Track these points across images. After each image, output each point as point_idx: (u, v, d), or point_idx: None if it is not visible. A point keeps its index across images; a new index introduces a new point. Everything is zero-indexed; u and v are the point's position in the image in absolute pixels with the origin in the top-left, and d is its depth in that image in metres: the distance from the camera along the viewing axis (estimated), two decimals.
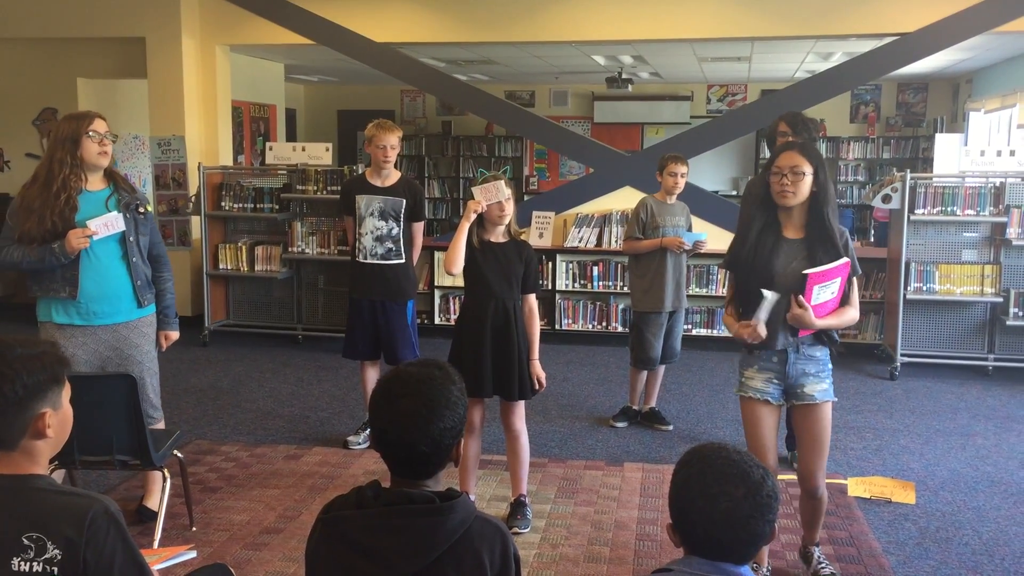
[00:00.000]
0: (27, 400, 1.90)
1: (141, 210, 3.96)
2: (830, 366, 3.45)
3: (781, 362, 3.39)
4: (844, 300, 3.36)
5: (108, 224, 3.79)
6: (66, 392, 2.02)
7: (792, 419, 3.49)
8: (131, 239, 3.90)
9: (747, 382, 3.46)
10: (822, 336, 3.38)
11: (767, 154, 4.98)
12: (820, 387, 3.39)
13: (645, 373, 5.67)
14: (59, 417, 1.99)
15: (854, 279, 3.39)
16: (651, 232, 5.44)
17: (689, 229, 5.56)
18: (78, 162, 3.78)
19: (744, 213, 4.92)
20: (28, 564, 1.86)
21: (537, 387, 4.12)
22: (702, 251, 5.52)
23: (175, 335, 4.17)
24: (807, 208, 3.33)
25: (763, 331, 3.25)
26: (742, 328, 3.31)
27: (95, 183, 3.88)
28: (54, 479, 2.06)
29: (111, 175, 3.94)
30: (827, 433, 3.43)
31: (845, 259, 3.28)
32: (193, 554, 2.78)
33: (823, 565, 3.66)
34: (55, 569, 1.86)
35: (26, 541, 1.86)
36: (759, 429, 3.43)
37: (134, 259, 3.92)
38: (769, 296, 3.22)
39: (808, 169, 3.26)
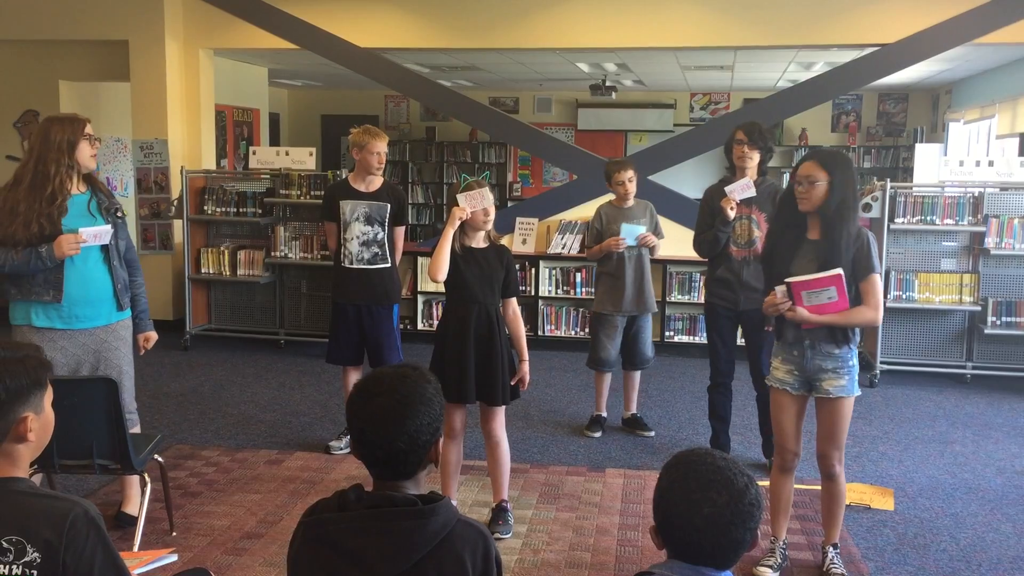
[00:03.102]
0: (9, 404, 1.91)
1: (120, 214, 3.97)
2: (852, 363, 3.62)
3: (800, 356, 3.63)
4: (860, 301, 3.53)
5: (98, 235, 3.79)
6: (48, 396, 2.03)
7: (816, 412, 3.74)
8: (111, 243, 3.89)
9: (773, 371, 3.74)
10: (836, 334, 3.57)
11: (726, 163, 5.05)
12: (837, 383, 3.59)
13: (607, 379, 5.72)
14: (41, 421, 2.00)
15: (875, 280, 3.54)
16: (607, 238, 5.49)
17: (655, 228, 5.57)
18: (73, 164, 3.77)
19: (702, 215, 4.99)
20: (7, 567, 1.86)
21: (521, 387, 4.15)
22: (652, 244, 5.45)
23: (154, 336, 4.19)
24: (824, 212, 3.56)
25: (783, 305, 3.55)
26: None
27: (77, 186, 3.87)
28: (34, 482, 2.05)
29: (88, 178, 3.93)
30: (842, 425, 3.64)
31: (837, 270, 3.45)
32: (174, 557, 2.77)
33: (835, 565, 3.74)
34: (34, 572, 1.86)
35: (5, 544, 1.87)
36: (780, 416, 3.73)
37: (115, 262, 3.92)
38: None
39: (822, 177, 3.51)
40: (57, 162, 3.73)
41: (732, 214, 4.76)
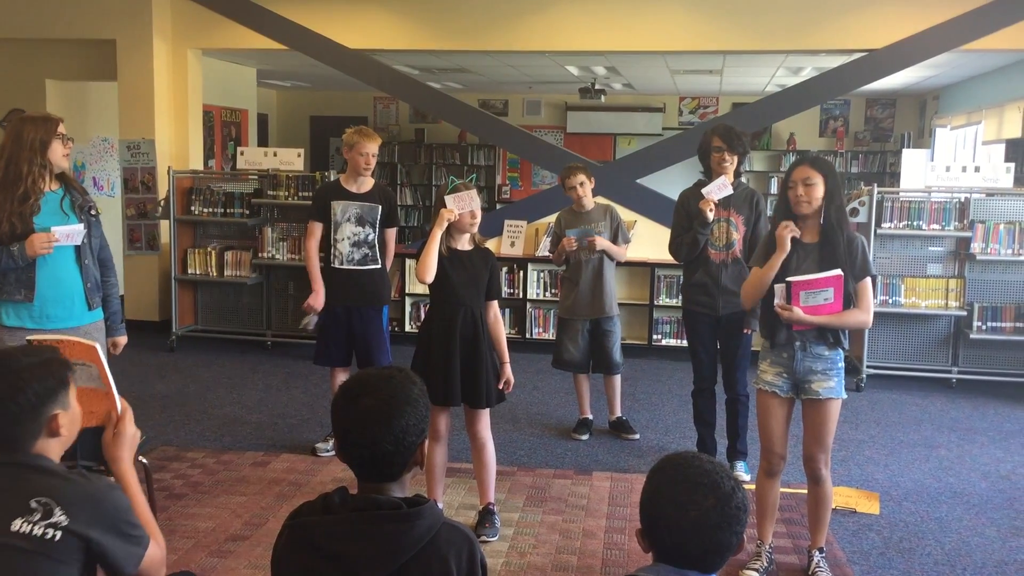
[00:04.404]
0: (40, 405, 2.03)
1: (93, 212, 3.93)
2: (840, 365, 3.67)
3: (790, 358, 3.66)
4: (851, 303, 3.58)
5: (70, 235, 3.76)
6: (73, 392, 2.13)
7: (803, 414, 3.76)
8: (83, 241, 3.85)
9: (761, 375, 3.74)
10: (827, 336, 3.61)
11: (700, 168, 5.04)
12: (826, 385, 3.63)
13: (585, 381, 5.77)
14: (70, 416, 2.12)
15: (867, 283, 3.61)
16: None
17: (616, 228, 5.60)
18: (46, 164, 3.74)
19: (678, 219, 5.01)
20: (29, 526, 1.91)
21: (506, 389, 4.15)
22: (599, 249, 5.47)
23: (124, 340, 4.13)
24: (819, 215, 3.61)
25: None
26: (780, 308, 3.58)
27: (50, 185, 3.82)
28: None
29: (62, 176, 3.89)
30: (829, 427, 3.67)
31: (837, 271, 3.52)
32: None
33: (821, 569, 3.76)
34: (58, 534, 1.92)
35: (34, 504, 1.93)
36: (768, 419, 3.73)
37: (86, 261, 3.87)
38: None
39: (818, 179, 3.56)
40: (30, 161, 3.70)
41: (711, 215, 4.77)
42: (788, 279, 3.54)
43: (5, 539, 1.90)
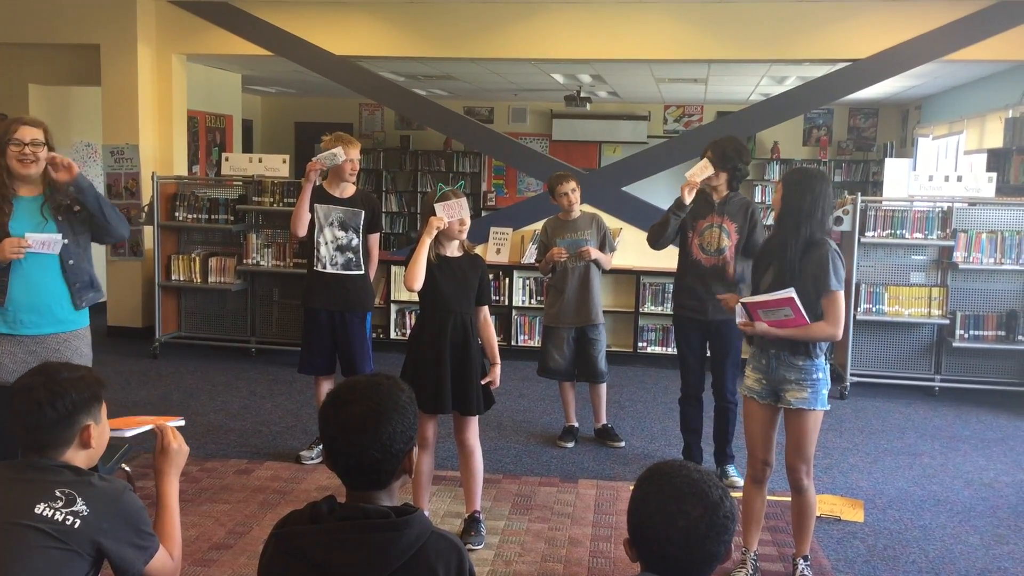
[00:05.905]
0: (75, 414, 2.22)
1: (76, 208, 3.81)
2: (817, 376, 3.62)
3: (767, 366, 3.69)
4: (819, 316, 3.57)
5: (46, 244, 3.67)
6: (104, 409, 2.32)
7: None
8: (66, 241, 3.74)
9: (745, 380, 3.82)
10: (798, 346, 3.61)
11: None
12: (799, 395, 3.61)
13: (570, 389, 5.76)
14: (100, 430, 2.30)
15: (836, 296, 3.56)
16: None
17: (603, 237, 5.62)
18: (5, 169, 3.67)
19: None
20: (52, 511, 2.09)
21: (490, 387, 4.16)
22: (590, 259, 5.47)
23: (75, 168, 3.70)
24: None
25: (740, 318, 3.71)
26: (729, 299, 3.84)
27: (31, 188, 3.73)
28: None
29: (50, 182, 3.77)
30: (806, 437, 3.64)
31: (788, 293, 3.49)
32: (182, 422, 2.68)
33: None
34: (78, 522, 2.09)
35: (58, 492, 2.11)
36: (749, 424, 3.81)
37: (71, 262, 3.78)
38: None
39: (779, 188, 3.68)
40: None
41: (690, 197, 4.79)
42: (742, 300, 3.65)
43: (28, 521, 2.06)
